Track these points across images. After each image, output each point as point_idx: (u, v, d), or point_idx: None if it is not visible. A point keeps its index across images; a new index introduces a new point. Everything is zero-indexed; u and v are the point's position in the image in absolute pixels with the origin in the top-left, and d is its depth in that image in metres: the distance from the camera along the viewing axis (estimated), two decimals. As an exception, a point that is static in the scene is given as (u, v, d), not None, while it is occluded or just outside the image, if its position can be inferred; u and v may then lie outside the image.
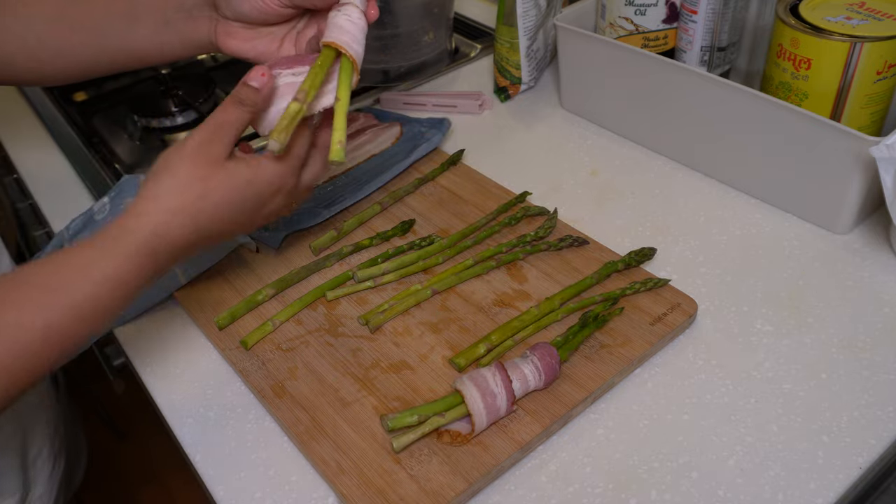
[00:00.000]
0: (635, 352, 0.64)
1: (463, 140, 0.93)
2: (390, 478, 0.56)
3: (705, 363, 0.65)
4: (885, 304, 0.68)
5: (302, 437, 0.59)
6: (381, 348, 0.66)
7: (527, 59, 0.96)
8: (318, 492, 0.58)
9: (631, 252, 0.72)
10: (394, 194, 0.82)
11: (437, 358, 0.65)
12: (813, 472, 0.56)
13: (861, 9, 0.74)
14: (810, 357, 0.65)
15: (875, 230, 0.76)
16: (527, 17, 0.93)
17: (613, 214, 0.81)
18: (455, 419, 0.58)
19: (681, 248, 0.76)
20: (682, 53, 0.87)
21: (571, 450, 0.59)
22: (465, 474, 0.56)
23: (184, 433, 0.62)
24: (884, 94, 0.75)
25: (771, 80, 0.79)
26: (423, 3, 1.01)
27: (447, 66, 1.07)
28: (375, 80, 1.04)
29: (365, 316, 0.69)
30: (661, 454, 0.58)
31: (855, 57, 0.71)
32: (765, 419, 0.60)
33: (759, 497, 0.55)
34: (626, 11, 0.88)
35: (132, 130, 1.03)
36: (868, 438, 0.58)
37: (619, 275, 0.71)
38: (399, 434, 0.58)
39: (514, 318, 0.67)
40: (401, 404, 0.61)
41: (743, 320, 0.68)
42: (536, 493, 0.56)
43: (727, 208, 0.80)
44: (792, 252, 0.74)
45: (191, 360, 0.68)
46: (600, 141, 0.92)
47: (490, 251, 0.74)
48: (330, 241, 0.77)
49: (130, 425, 1.83)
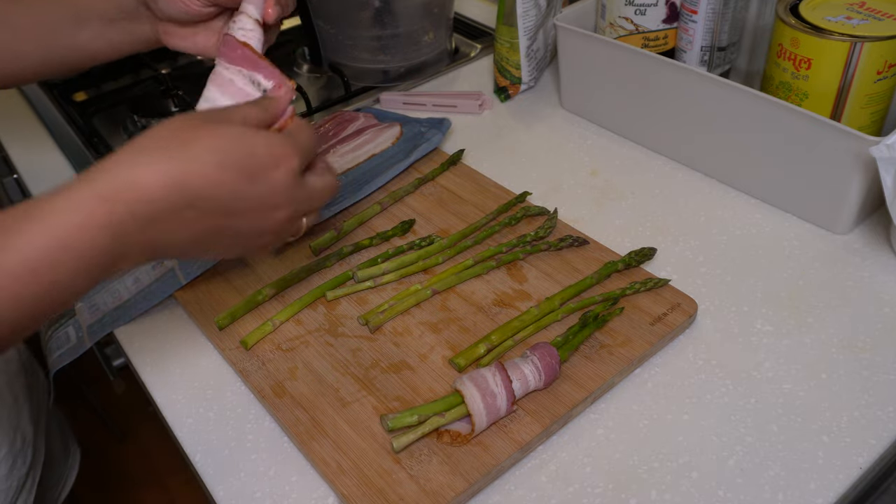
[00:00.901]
0: (635, 352, 0.64)
1: (463, 140, 0.93)
2: (390, 478, 0.56)
3: (705, 363, 0.65)
4: (885, 304, 0.68)
5: (302, 437, 0.59)
6: (380, 348, 0.66)
7: (527, 59, 0.96)
8: (318, 492, 0.58)
9: (631, 252, 0.72)
10: (394, 194, 0.82)
11: (437, 358, 0.65)
12: (813, 472, 0.56)
13: (861, 9, 0.74)
14: (810, 357, 0.65)
15: (875, 230, 0.76)
16: (527, 17, 0.93)
17: (613, 214, 0.81)
18: (455, 419, 0.58)
19: (681, 248, 0.76)
20: (682, 53, 0.87)
21: (571, 450, 0.59)
22: (465, 474, 0.56)
23: (184, 433, 0.62)
24: (884, 94, 0.75)
25: (771, 79, 0.79)
26: (423, 3, 1.01)
27: (447, 66, 1.07)
28: (375, 80, 1.04)
29: (365, 316, 0.69)
30: (661, 454, 0.58)
31: (855, 57, 0.71)
32: (765, 419, 0.60)
33: (759, 497, 0.55)
34: (626, 11, 0.88)
35: (132, 130, 1.03)
36: (868, 438, 0.58)
37: (619, 275, 0.71)
38: (399, 434, 0.58)
39: (514, 318, 0.67)
40: (401, 404, 0.61)
41: (743, 320, 0.68)
42: (536, 493, 0.56)
43: (727, 208, 0.80)
44: (792, 252, 0.74)
45: (191, 360, 0.68)
46: (600, 141, 0.92)
47: (490, 251, 0.74)
48: (330, 241, 0.77)
49: (130, 425, 1.83)
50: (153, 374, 0.67)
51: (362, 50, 1.03)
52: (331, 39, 1.03)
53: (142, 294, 0.72)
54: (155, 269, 0.74)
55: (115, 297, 0.73)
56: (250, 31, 0.60)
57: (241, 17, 0.60)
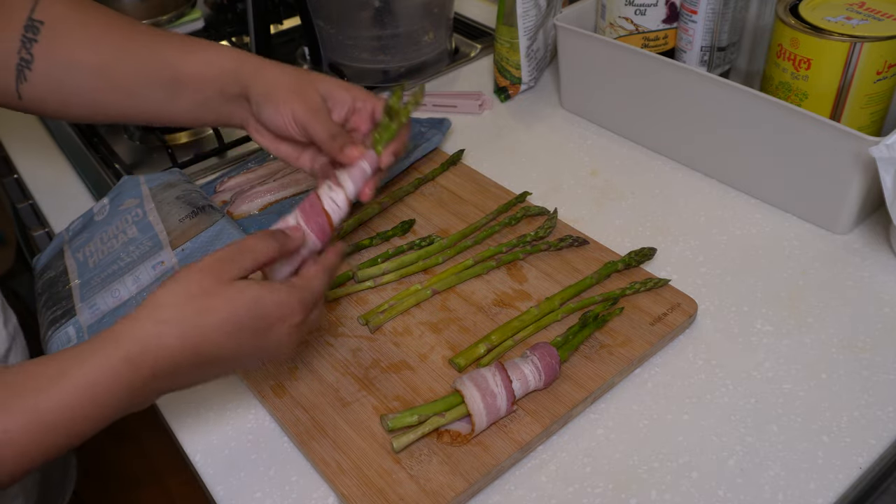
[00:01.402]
0: (635, 352, 0.64)
1: (463, 140, 0.93)
2: (390, 478, 0.56)
3: (705, 363, 0.65)
4: (885, 304, 0.68)
5: (302, 437, 0.59)
6: (380, 348, 0.66)
7: (527, 59, 0.96)
8: (318, 492, 0.58)
9: (631, 252, 0.72)
10: (394, 194, 0.82)
11: (437, 358, 0.65)
12: (813, 472, 0.56)
13: (861, 9, 0.74)
14: (810, 357, 0.65)
15: (875, 230, 0.76)
16: (527, 17, 0.93)
17: (613, 214, 0.81)
18: (455, 419, 0.58)
19: (681, 248, 0.76)
20: (682, 53, 0.87)
21: (571, 450, 0.59)
22: (465, 474, 0.56)
23: (184, 433, 0.62)
24: (884, 94, 0.75)
25: (771, 80, 0.79)
26: (423, 3, 1.01)
27: (447, 66, 1.07)
28: (375, 80, 1.04)
29: (365, 316, 0.69)
30: (661, 454, 0.58)
31: (855, 57, 0.71)
32: (765, 419, 0.60)
33: (759, 497, 0.55)
34: (626, 11, 0.88)
35: (132, 130, 1.03)
36: (868, 438, 0.58)
37: (619, 275, 0.71)
38: (399, 434, 0.58)
39: (514, 318, 0.67)
40: (401, 404, 0.61)
41: (743, 320, 0.68)
42: (536, 493, 0.56)
43: (727, 208, 0.80)
44: (792, 252, 0.74)
45: (191, 360, 0.68)
46: (600, 141, 0.92)
47: (490, 251, 0.74)
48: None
49: (130, 425, 1.83)
50: (153, 374, 0.67)
51: (362, 50, 1.03)
52: (331, 39, 1.03)
53: (142, 294, 0.72)
54: (155, 269, 0.74)
55: (116, 297, 0.73)
56: (339, 207, 0.61)
57: (339, 191, 0.61)
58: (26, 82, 0.65)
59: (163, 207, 0.74)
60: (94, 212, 0.78)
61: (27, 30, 0.64)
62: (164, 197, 0.76)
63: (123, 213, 0.75)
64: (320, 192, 0.61)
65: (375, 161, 0.64)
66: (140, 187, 0.77)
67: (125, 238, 0.73)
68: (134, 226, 0.74)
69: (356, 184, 0.62)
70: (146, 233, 0.73)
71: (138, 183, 0.78)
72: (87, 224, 0.77)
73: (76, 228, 0.78)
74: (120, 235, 0.74)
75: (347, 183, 0.62)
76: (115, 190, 0.78)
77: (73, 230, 0.78)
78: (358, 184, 0.63)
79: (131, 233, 0.73)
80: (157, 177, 0.79)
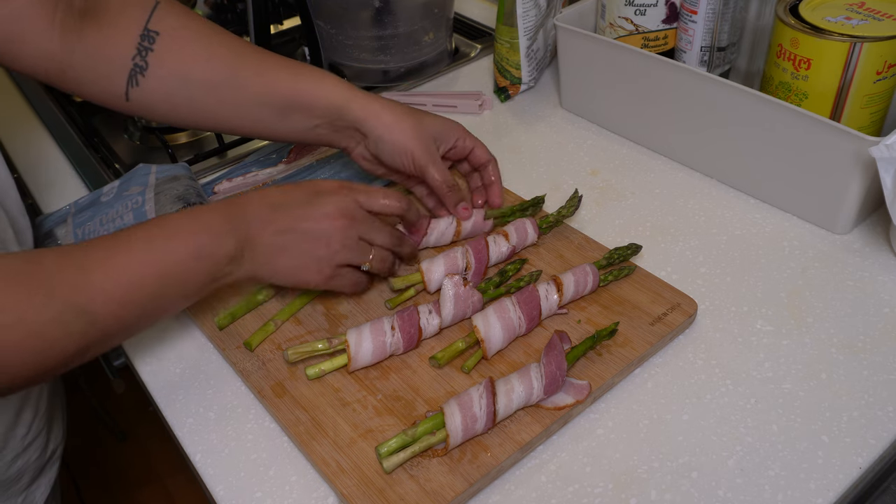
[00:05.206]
0: (635, 352, 0.64)
1: (463, 140, 0.93)
2: (390, 478, 0.56)
3: (705, 363, 0.65)
4: (885, 304, 0.68)
5: (302, 437, 0.59)
6: (381, 348, 0.66)
7: (527, 59, 0.96)
8: (318, 492, 0.58)
9: (613, 250, 0.71)
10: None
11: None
12: (813, 472, 0.56)
13: (861, 9, 0.74)
14: (810, 357, 0.65)
15: (875, 230, 0.76)
16: (527, 17, 0.93)
17: (613, 214, 0.81)
18: (444, 439, 0.57)
19: (681, 247, 0.76)
20: (682, 53, 0.87)
21: (571, 450, 0.59)
22: (465, 474, 0.56)
23: (184, 433, 0.63)
24: (884, 94, 0.75)
25: (771, 80, 0.79)
26: (423, 3, 1.01)
27: (447, 66, 1.07)
28: (375, 80, 1.04)
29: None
30: (661, 454, 0.58)
31: (855, 57, 0.71)
32: (765, 419, 0.60)
33: (759, 497, 0.55)
34: (626, 11, 0.88)
35: (132, 130, 1.03)
36: (868, 438, 0.58)
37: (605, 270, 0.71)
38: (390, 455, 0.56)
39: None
40: (401, 404, 0.61)
41: (743, 320, 0.68)
42: (536, 493, 0.56)
43: (727, 208, 0.80)
44: (792, 252, 0.74)
45: (191, 360, 0.68)
46: (600, 141, 0.92)
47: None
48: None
49: (130, 425, 1.83)
50: (153, 375, 0.67)
51: (362, 50, 1.03)
52: (331, 39, 1.03)
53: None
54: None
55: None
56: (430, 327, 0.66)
57: (435, 317, 0.66)
58: (137, 87, 0.68)
59: (160, 199, 0.76)
60: (104, 192, 0.80)
61: (143, 38, 0.67)
62: (165, 189, 0.77)
63: (126, 198, 0.77)
64: (420, 309, 0.65)
65: None
66: (149, 176, 0.79)
67: (121, 223, 0.75)
68: (131, 212, 0.75)
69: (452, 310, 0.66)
70: (139, 221, 0.74)
71: (149, 171, 0.80)
72: (93, 202, 0.79)
73: (83, 203, 0.80)
74: (117, 220, 0.75)
75: (445, 309, 0.66)
76: (128, 175, 0.80)
77: (80, 204, 0.80)
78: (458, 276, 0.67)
79: (127, 219, 0.75)
80: (167, 168, 0.80)
